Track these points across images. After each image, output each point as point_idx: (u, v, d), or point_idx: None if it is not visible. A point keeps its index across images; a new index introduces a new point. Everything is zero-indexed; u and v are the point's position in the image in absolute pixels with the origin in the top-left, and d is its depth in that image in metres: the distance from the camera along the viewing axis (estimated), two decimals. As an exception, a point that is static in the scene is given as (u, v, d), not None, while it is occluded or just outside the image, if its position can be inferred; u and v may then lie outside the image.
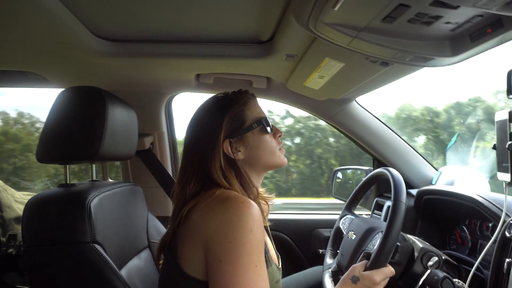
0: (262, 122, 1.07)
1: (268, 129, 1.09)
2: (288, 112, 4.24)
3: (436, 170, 1.93)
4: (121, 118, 1.25)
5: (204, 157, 1.02)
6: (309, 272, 1.62)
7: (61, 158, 1.17)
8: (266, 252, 1.01)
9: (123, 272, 1.18)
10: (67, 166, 1.21)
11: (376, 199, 1.94)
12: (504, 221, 1.09)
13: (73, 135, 1.14)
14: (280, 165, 1.12)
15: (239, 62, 1.51)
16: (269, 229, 1.23)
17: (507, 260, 1.05)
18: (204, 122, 1.07)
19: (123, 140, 1.28)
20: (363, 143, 1.95)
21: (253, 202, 0.94)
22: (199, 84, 1.78)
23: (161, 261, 1.09)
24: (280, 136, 1.14)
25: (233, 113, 1.05)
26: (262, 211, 0.99)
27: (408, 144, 1.94)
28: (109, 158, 1.31)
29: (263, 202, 1.24)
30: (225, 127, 1.03)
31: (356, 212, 1.53)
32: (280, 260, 1.18)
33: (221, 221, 0.89)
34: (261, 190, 1.25)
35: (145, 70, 1.61)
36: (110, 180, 1.88)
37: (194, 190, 1.01)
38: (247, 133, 1.06)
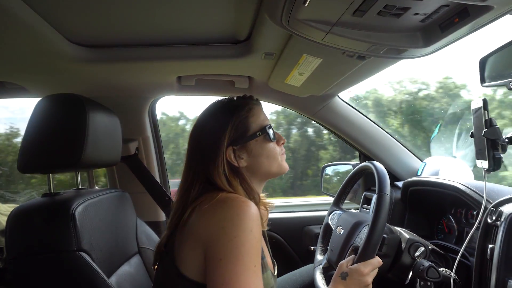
0: (266, 130, 1.07)
1: (272, 137, 1.08)
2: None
3: (421, 161, 1.95)
4: (103, 124, 1.24)
5: (207, 164, 1.02)
6: (304, 271, 1.62)
7: (43, 168, 1.16)
8: (263, 257, 1.01)
9: (113, 279, 1.17)
10: (50, 175, 1.20)
11: (364, 193, 1.96)
12: (485, 208, 1.11)
13: (54, 143, 1.13)
14: (282, 173, 1.12)
15: (219, 62, 1.51)
16: (266, 235, 1.23)
17: (490, 246, 1.07)
18: (207, 128, 1.06)
19: (106, 146, 1.27)
20: (348, 138, 1.97)
21: (253, 203, 0.94)
22: (181, 86, 1.78)
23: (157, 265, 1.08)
24: (283, 143, 1.13)
25: (237, 120, 1.04)
26: (261, 215, 0.99)
27: (392, 136, 1.96)
28: (93, 166, 1.30)
29: (263, 208, 1.24)
30: (229, 135, 1.02)
31: (346, 207, 1.54)
32: (276, 268, 1.18)
33: (222, 220, 0.89)
34: (262, 195, 1.26)
35: (125, 75, 1.61)
36: (97, 188, 1.87)
37: (196, 194, 1.00)
38: (251, 140, 1.05)
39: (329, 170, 2.25)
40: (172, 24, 1.24)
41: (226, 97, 1.12)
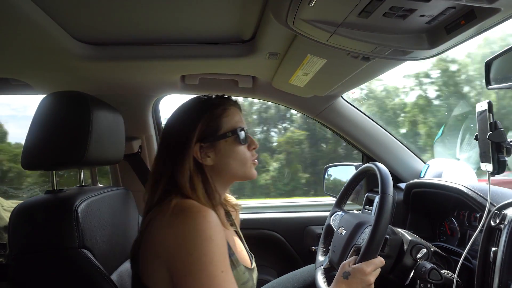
0: (237, 132, 1.06)
1: (243, 140, 1.07)
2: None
3: (424, 163, 1.94)
4: (107, 122, 1.24)
5: (174, 158, 1.02)
6: (306, 270, 1.62)
7: (47, 165, 1.16)
8: (230, 255, 1.00)
9: (114, 276, 1.17)
10: (53, 172, 1.20)
11: (366, 194, 1.95)
12: (489, 211, 1.10)
13: (57, 141, 1.13)
14: (248, 178, 1.11)
15: (223, 62, 1.51)
16: (240, 232, 1.24)
17: (493, 249, 1.06)
18: (180, 122, 1.07)
19: (110, 144, 1.27)
20: (351, 139, 1.96)
21: (209, 209, 0.93)
22: (184, 85, 1.78)
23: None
24: (254, 148, 1.12)
25: (209, 118, 1.04)
26: (220, 217, 0.99)
27: (396, 138, 1.95)
28: (96, 163, 1.30)
29: (232, 209, 1.25)
30: (199, 131, 1.02)
31: (348, 209, 1.54)
32: (253, 260, 1.18)
33: (179, 235, 0.88)
34: (229, 197, 1.26)
35: (129, 73, 1.61)
36: (100, 185, 1.87)
37: (159, 195, 1.01)
38: (220, 140, 1.05)
39: (331, 171, 2.25)
40: (177, 23, 1.25)
41: (206, 95, 1.11)
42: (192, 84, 1.75)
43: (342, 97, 1.90)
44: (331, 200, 2.20)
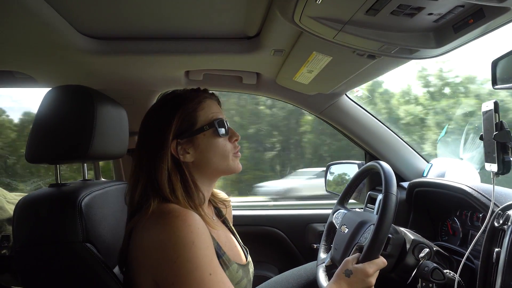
0: (214, 125, 1.02)
1: (222, 132, 1.03)
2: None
3: (427, 162, 1.94)
4: (110, 117, 1.24)
5: (151, 158, 0.98)
6: (309, 267, 1.62)
7: (51, 158, 1.17)
8: (220, 255, 0.98)
9: (116, 270, 1.18)
10: (57, 166, 1.20)
11: (369, 192, 1.95)
12: (492, 211, 1.10)
13: (62, 134, 1.13)
14: (232, 171, 1.07)
15: (227, 58, 1.50)
16: (233, 228, 1.22)
17: (496, 249, 1.06)
18: (155, 120, 1.03)
19: (113, 138, 1.27)
20: (354, 137, 1.96)
21: (190, 212, 0.90)
22: (188, 81, 1.78)
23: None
24: (236, 140, 1.08)
25: (184, 112, 1.00)
26: (205, 217, 0.96)
27: (399, 137, 1.95)
28: (100, 158, 1.31)
29: (222, 205, 1.22)
30: (175, 127, 0.99)
31: (350, 207, 1.53)
32: (248, 255, 1.16)
33: (160, 243, 0.86)
34: (218, 193, 1.23)
35: (133, 67, 1.61)
36: (103, 179, 1.88)
37: (138, 197, 0.98)
38: (198, 134, 1.01)
39: (333, 169, 2.24)
40: (182, 18, 1.24)
41: (181, 89, 1.08)
42: (196, 79, 1.75)
43: (346, 94, 1.89)
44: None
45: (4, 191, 1.89)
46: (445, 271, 1.17)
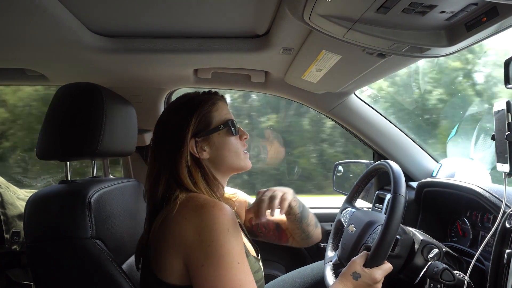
0: (228, 124, 1.11)
1: (234, 131, 1.13)
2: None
3: (437, 162, 1.92)
4: (120, 114, 1.25)
5: (171, 155, 1.05)
6: (316, 266, 1.62)
7: (61, 155, 1.18)
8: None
9: (125, 266, 1.18)
10: (67, 162, 1.21)
11: (377, 192, 1.94)
12: (504, 212, 1.09)
13: (72, 131, 1.14)
14: (243, 168, 1.16)
15: (236, 56, 1.50)
16: (243, 225, 1.26)
17: (507, 251, 1.05)
18: (173, 120, 1.10)
19: (122, 136, 1.28)
20: (363, 136, 1.95)
21: (223, 203, 0.97)
22: (197, 79, 1.78)
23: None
24: (245, 138, 1.18)
25: (201, 113, 1.09)
26: (234, 208, 1.01)
27: (408, 136, 1.93)
28: (109, 155, 1.32)
29: (230, 203, 1.26)
30: (193, 127, 1.07)
31: (358, 206, 1.53)
32: (259, 251, 1.21)
33: (197, 227, 0.92)
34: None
35: (143, 65, 1.61)
36: (111, 177, 1.89)
37: (162, 191, 1.03)
38: (213, 133, 1.10)
39: (341, 168, 2.23)
40: (192, 16, 1.24)
41: (193, 92, 1.17)
42: (204, 78, 1.76)
43: (354, 93, 1.88)
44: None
45: (15, 187, 1.92)
46: (454, 272, 1.16)
